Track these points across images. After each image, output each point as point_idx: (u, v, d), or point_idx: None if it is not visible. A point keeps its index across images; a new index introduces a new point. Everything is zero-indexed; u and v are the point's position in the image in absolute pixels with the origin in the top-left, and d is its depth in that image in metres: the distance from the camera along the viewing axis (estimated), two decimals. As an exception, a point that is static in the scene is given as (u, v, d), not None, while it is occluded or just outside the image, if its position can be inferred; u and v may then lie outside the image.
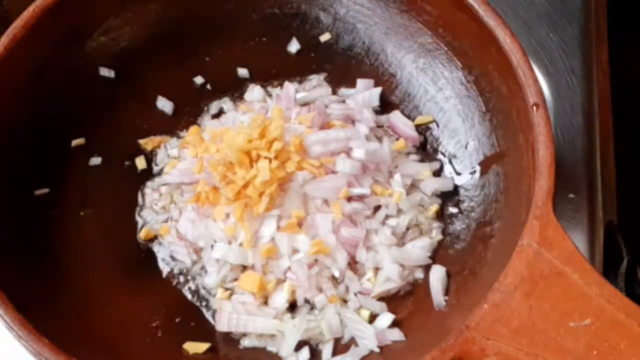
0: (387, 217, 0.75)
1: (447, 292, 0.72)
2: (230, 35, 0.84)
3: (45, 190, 0.76)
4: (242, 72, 0.84)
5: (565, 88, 0.89)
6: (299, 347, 0.71)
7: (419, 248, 0.75)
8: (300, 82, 0.84)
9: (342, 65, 0.84)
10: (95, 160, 0.79)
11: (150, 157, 0.81)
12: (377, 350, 0.70)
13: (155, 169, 0.80)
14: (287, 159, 0.73)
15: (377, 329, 0.71)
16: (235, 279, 0.74)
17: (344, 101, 0.82)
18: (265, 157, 0.72)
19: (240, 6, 0.84)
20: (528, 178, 0.67)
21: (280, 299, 0.72)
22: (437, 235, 0.76)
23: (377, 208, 0.76)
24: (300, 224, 0.73)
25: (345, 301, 0.73)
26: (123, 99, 0.82)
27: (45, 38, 0.76)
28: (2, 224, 0.71)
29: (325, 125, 0.78)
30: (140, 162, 0.80)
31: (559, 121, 0.87)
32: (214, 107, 0.83)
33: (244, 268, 0.74)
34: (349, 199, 0.75)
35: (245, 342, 0.72)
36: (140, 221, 0.77)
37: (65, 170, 0.78)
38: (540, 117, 0.68)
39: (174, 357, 0.71)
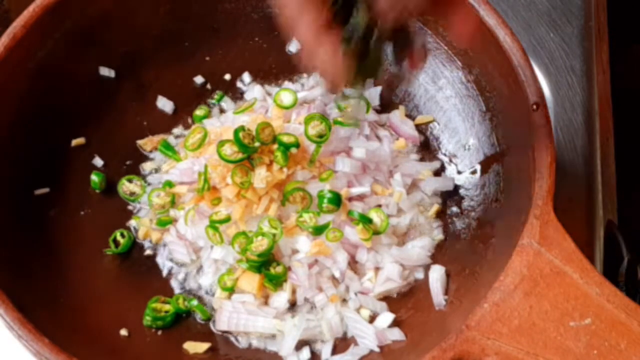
0: (387, 216, 0.75)
1: (447, 291, 0.72)
2: (230, 35, 0.84)
3: (45, 190, 0.76)
4: (242, 72, 0.84)
5: (566, 87, 0.89)
6: (299, 346, 0.71)
7: (419, 248, 0.75)
8: (299, 81, 0.84)
9: (342, 64, 0.84)
10: (96, 160, 0.79)
11: (150, 157, 0.81)
12: (377, 349, 0.70)
13: (155, 168, 0.80)
14: (287, 160, 0.73)
15: (377, 329, 0.71)
16: (235, 279, 0.73)
17: (344, 100, 0.82)
18: (263, 164, 0.72)
19: (240, 6, 0.84)
20: (528, 177, 0.67)
21: (280, 299, 0.72)
22: (437, 235, 0.76)
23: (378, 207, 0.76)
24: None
25: (345, 301, 0.73)
26: (123, 99, 0.82)
27: (46, 38, 0.76)
28: (2, 224, 0.71)
29: (325, 125, 0.78)
30: (143, 164, 0.80)
31: (559, 121, 0.87)
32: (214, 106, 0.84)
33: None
34: (349, 198, 0.75)
35: (245, 342, 0.72)
36: (139, 221, 0.77)
37: (65, 170, 0.78)
38: (540, 117, 0.68)
39: (174, 357, 0.71)
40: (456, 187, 0.78)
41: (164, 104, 0.83)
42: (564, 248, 0.63)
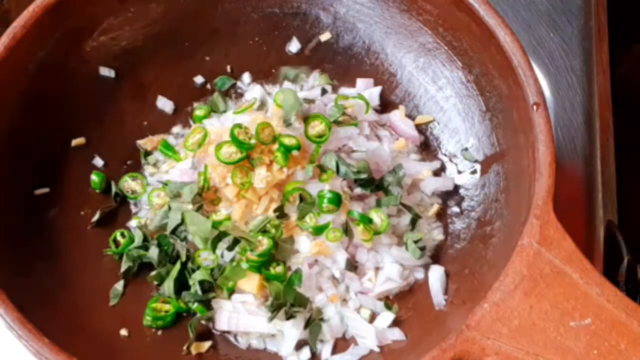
0: (387, 216, 0.75)
1: (447, 291, 0.72)
2: (230, 35, 0.84)
3: (45, 190, 0.76)
4: (242, 72, 0.84)
5: (566, 87, 0.89)
6: (299, 346, 0.71)
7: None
8: (299, 82, 0.84)
9: (342, 64, 0.84)
10: (96, 160, 0.79)
11: (150, 157, 0.81)
12: (377, 349, 0.70)
13: (155, 168, 0.80)
14: (287, 160, 0.73)
15: (377, 329, 0.71)
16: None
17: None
18: (263, 164, 0.72)
19: (240, 6, 0.84)
20: (528, 177, 0.67)
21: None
22: (437, 235, 0.76)
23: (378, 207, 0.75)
24: (300, 224, 0.73)
25: (345, 301, 0.73)
26: (123, 99, 0.81)
27: (46, 38, 0.76)
28: (2, 224, 0.71)
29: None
30: (142, 162, 0.80)
31: (559, 120, 0.87)
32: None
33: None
34: (350, 198, 0.75)
35: (245, 342, 0.72)
36: (139, 220, 0.77)
37: (65, 170, 0.78)
38: (540, 117, 0.68)
39: (174, 357, 0.71)
40: (456, 187, 0.78)
41: (164, 104, 0.83)
42: (564, 248, 0.63)
